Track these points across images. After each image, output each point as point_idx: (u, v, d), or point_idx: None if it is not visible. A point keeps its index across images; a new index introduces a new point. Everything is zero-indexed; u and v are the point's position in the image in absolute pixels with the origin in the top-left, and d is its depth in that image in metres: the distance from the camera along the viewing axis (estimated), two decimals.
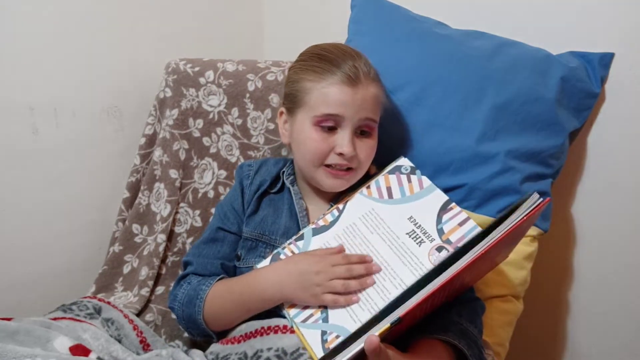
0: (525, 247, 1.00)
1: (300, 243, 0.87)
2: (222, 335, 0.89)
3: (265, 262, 0.87)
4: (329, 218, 0.88)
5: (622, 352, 1.13)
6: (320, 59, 0.89)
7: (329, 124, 0.87)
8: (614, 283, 1.11)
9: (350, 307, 0.77)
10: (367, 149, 0.90)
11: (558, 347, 1.21)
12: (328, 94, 0.86)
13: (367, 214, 0.87)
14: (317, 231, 0.88)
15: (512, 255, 0.98)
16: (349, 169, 0.90)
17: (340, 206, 0.89)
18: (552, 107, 1.00)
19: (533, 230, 1.00)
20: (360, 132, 0.89)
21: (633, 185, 1.06)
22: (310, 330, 0.78)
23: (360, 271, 0.79)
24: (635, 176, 1.05)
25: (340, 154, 0.87)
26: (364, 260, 0.80)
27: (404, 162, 0.90)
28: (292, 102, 0.92)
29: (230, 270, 0.94)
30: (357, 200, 0.89)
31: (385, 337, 0.68)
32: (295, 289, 0.80)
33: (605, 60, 1.04)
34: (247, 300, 0.84)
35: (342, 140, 0.87)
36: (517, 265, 0.99)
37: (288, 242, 0.88)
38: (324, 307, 0.79)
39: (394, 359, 0.68)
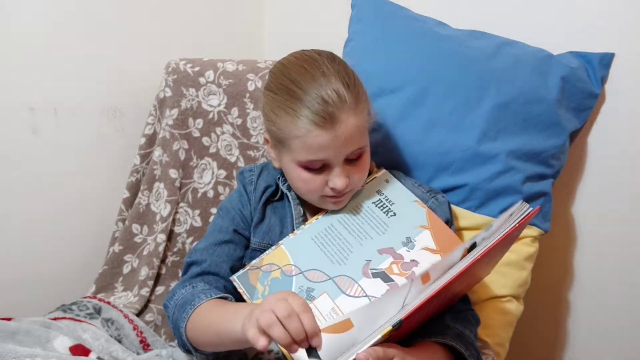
0: (526, 248, 1.00)
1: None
2: (201, 354, 0.83)
3: (243, 271, 0.86)
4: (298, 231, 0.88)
5: (623, 352, 1.13)
6: (290, 96, 0.81)
7: (316, 166, 0.83)
8: (614, 283, 1.11)
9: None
10: (359, 171, 0.86)
11: (558, 347, 1.21)
12: (307, 142, 0.80)
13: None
14: (289, 242, 0.87)
15: (513, 256, 0.98)
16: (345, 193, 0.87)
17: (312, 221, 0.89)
18: (552, 108, 1.00)
19: (534, 231, 1.00)
20: (350, 159, 0.85)
21: (633, 185, 1.06)
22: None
23: (297, 330, 0.63)
24: (635, 176, 1.05)
25: (333, 189, 0.84)
26: (315, 333, 0.65)
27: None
28: (274, 138, 0.86)
29: None
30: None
31: (386, 340, 0.68)
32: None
33: (605, 60, 1.04)
34: (221, 333, 0.76)
35: (333, 176, 0.83)
36: (517, 266, 0.99)
37: (260, 256, 0.87)
38: None
39: (398, 355, 0.68)
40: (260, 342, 0.62)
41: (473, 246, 0.71)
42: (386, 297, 0.70)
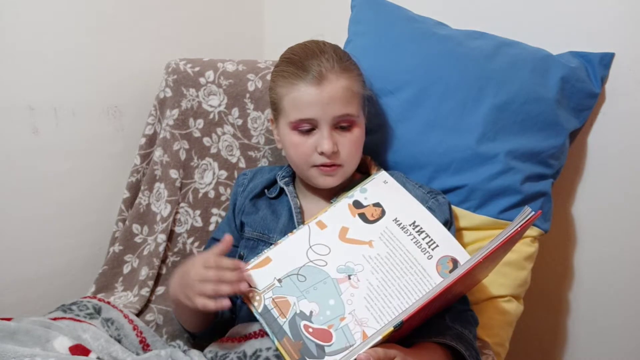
0: (526, 248, 1.00)
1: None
2: (198, 338, 0.96)
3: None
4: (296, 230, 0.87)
5: (622, 353, 1.13)
6: (288, 63, 0.91)
7: (306, 127, 0.89)
8: (613, 283, 1.11)
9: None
10: (348, 143, 0.90)
11: (558, 347, 1.21)
12: (296, 98, 0.88)
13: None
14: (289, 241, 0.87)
15: (513, 256, 0.98)
16: (335, 166, 0.90)
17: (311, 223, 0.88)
18: (552, 107, 1.00)
19: (534, 231, 1.00)
20: (340, 127, 0.90)
21: (633, 185, 1.06)
22: None
23: (231, 278, 0.77)
24: (635, 176, 1.05)
25: (322, 153, 0.88)
26: (237, 266, 0.79)
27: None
28: (273, 109, 0.95)
29: None
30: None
31: (387, 341, 0.70)
32: (176, 291, 0.82)
33: (605, 60, 1.04)
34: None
35: (321, 139, 0.88)
36: (517, 265, 0.99)
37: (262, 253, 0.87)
38: None
39: (399, 356, 0.69)
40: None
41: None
42: (293, 239, 0.84)
